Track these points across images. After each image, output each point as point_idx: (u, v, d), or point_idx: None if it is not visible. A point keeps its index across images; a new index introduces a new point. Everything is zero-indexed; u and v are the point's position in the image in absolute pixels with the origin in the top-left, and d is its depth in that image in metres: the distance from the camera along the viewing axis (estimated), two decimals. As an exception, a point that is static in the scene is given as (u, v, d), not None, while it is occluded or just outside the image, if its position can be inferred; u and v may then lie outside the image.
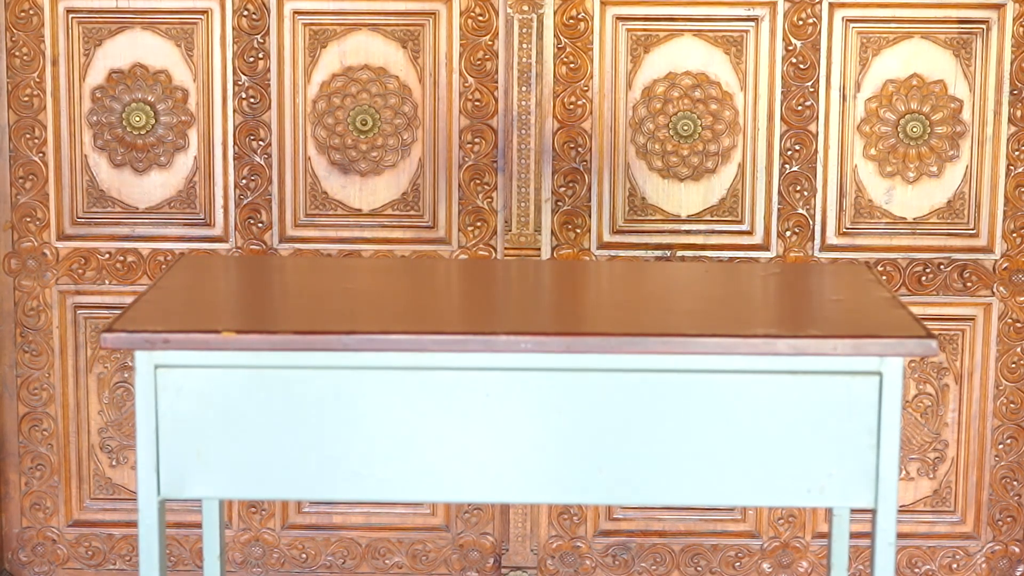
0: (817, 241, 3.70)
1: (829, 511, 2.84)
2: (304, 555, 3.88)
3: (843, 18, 3.62)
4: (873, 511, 2.18)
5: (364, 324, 2.36)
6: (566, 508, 3.82)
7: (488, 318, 2.47)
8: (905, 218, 3.69)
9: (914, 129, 3.66)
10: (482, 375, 2.19)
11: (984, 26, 3.58)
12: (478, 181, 3.68)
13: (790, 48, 3.63)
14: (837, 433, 2.18)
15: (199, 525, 2.99)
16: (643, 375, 2.18)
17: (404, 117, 3.66)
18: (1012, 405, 3.72)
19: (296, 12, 3.65)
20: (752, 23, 3.63)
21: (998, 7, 3.59)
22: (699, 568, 3.83)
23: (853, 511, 2.77)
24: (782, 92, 3.63)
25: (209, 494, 2.27)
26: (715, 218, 3.70)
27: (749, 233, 3.71)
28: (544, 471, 2.24)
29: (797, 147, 3.67)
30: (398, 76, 3.65)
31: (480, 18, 3.62)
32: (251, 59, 3.63)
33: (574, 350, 2.19)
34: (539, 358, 2.18)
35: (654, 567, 3.83)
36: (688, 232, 3.72)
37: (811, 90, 3.64)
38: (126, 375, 3.75)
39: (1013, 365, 3.70)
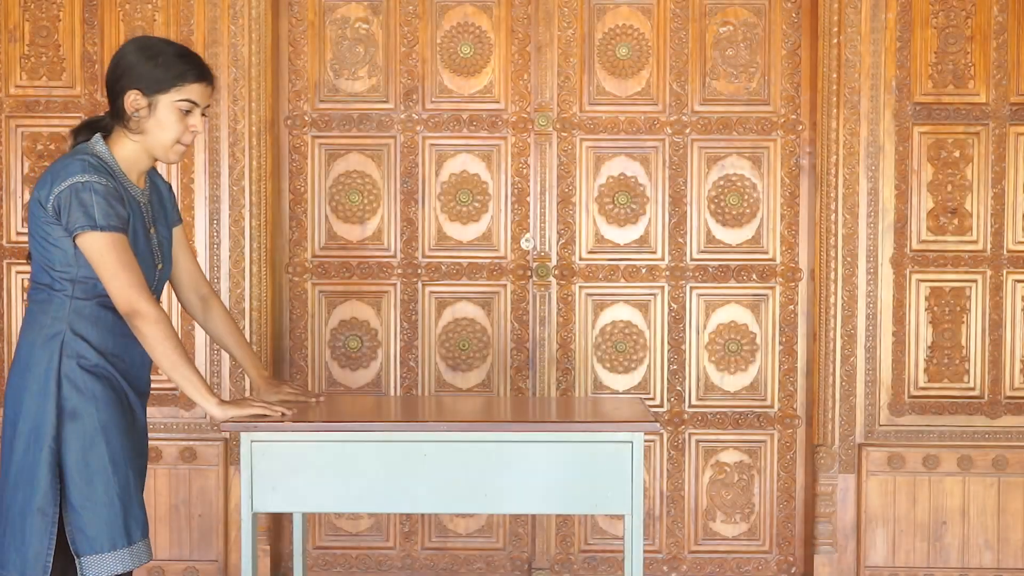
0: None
1: (623, 522, 3.94)
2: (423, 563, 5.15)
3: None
4: (631, 514, 3.31)
5: (362, 417, 3.56)
6: (567, 534, 5.11)
7: (424, 415, 3.69)
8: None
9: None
10: (420, 444, 3.32)
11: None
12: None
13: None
14: (611, 473, 3.29)
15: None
16: (513, 444, 3.32)
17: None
18: (866, 462, 5.01)
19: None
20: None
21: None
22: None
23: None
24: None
25: (278, 509, 3.48)
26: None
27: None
28: (455, 493, 3.32)
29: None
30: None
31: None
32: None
33: (468, 430, 3.35)
34: (449, 435, 3.33)
35: (609, 569, 5.16)
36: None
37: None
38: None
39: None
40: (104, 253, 3.06)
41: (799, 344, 5.05)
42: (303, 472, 3.32)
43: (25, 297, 4.95)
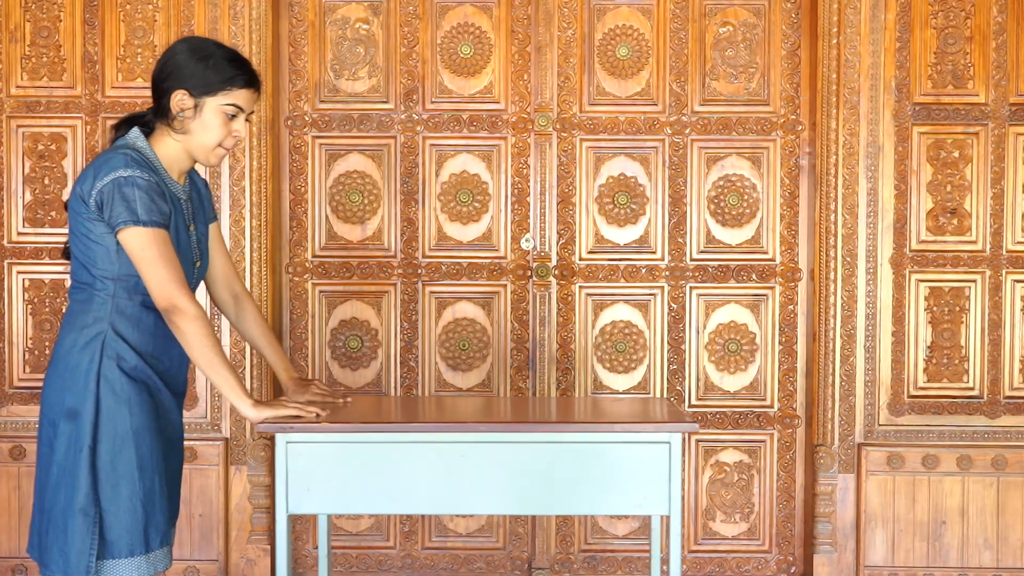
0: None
1: (649, 523, 3.86)
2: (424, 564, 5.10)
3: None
4: (668, 516, 3.28)
5: (398, 418, 3.55)
6: (567, 534, 5.07)
7: (463, 415, 3.63)
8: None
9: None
10: (459, 445, 3.29)
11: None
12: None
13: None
14: (652, 473, 3.25)
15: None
16: (551, 445, 3.29)
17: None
18: (866, 461, 4.97)
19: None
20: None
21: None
22: (630, 570, 5.07)
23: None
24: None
25: (313, 511, 3.33)
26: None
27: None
28: (492, 495, 3.27)
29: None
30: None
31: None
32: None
33: (509, 431, 3.30)
34: (489, 436, 3.28)
35: (609, 569, 5.12)
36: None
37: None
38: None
39: (867, 434, 4.98)
40: (145, 248, 3.01)
41: (799, 344, 5.01)
42: (339, 474, 3.26)
43: (27, 297, 4.92)
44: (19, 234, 4.93)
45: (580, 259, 5.00)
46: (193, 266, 3.24)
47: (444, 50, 5.02)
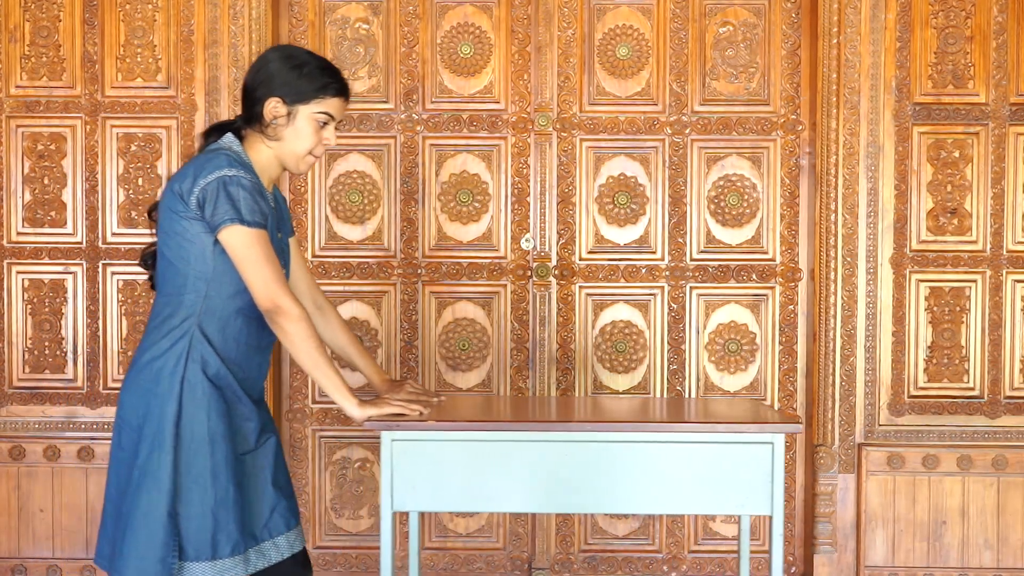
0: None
1: (739, 523, 3.85)
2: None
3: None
4: (771, 516, 3.22)
5: (501, 416, 3.46)
6: (567, 534, 5.04)
7: (568, 415, 3.61)
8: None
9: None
10: (565, 444, 3.24)
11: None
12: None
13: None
14: (753, 473, 3.21)
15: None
16: (659, 445, 3.23)
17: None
18: (866, 461, 4.94)
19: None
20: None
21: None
22: (630, 570, 5.08)
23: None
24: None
25: (418, 508, 3.30)
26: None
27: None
28: (590, 494, 3.23)
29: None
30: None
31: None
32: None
33: (617, 431, 3.25)
34: (590, 435, 3.23)
35: (609, 569, 5.09)
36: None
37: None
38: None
39: (868, 434, 4.94)
40: (249, 247, 3.00)
41: (799, 344, 4.99)
42: (444, 471, 3.24)
43: (26, 297, 4.90)
44: (19, 234, 4.91)
45: (580, 259, 4.98)
46: None
47: (444, 50, 5.00)
